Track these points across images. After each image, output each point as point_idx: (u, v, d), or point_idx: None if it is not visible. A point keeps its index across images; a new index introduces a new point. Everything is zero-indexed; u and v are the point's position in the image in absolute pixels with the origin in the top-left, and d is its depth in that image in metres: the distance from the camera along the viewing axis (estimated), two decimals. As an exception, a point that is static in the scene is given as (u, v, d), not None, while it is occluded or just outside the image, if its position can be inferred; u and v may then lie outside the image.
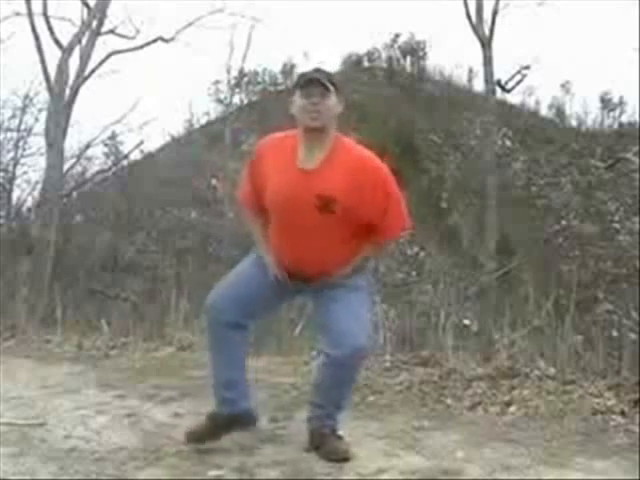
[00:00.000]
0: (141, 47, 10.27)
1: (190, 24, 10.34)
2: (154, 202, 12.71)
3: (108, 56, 9.91)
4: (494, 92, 10.20)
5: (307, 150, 2.65)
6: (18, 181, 11.90)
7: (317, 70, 2.71)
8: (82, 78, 9.56)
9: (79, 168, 12.58)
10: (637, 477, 2.57)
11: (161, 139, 15.46)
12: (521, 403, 3.53)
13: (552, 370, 3.91)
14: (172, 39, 10.35)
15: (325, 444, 2.76)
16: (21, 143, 11.89)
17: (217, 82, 15.64)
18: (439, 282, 7.23)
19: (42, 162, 10.30)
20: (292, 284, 2.77)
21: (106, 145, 13.19)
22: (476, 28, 9.24)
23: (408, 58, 18.30)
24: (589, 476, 2.61)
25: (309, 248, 2.69)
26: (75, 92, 9.53)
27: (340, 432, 2.84)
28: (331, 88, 2.62)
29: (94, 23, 9.69)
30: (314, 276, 2.74)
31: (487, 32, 9.28)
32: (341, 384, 2.79)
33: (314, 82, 2.61)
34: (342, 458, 2.70)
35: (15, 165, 11.82)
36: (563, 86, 18.12)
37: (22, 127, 11.91)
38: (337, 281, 2.73)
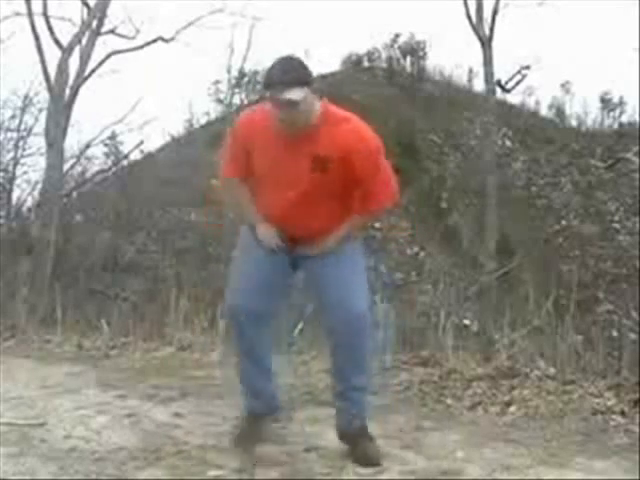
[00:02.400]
0: (141, 47, 10.26)
1: (190, 24, 10.32)
2: (154, 202, 12.70)
3: (108, 56, 9.90)
4: (494, 92, 10.20)
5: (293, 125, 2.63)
6: (18, 181, 11.89)
7: (282, 71, 2.52)
8: (82, 78, 9.55)
9: (79, 168, 12.57)
10: (637, 477, 2.57)
11: (161, 139, 15.46)
12: (521, 403, 3.53)
13: (552, 370, 3.91)
14: (172, 39, 10.34)
15: (355, 447, 2.72)
16: (21, 143, 11.87)
17: (217, 82, 15.63)
18: (439, 282, 7.22)
19: (42, 162, 10.30)
20: (285, 246, 2.75)
21: (106, 145, 13.18)
22: (476, 28, 9.24)
23: (408, 58, 18.29)
24: (589, 476, 2.61)
25: (300, 209, 2.67)
26: (75, 92, 9.52)
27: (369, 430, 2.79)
28: (299, 94, 2.49)
29: (94, 23, 9.68)
30: (304, 238, 2.73)
31: (487, 32, 9.29)
32: (350, 358, 2.72)
33: (287, 84, 2.49)
34: (372, 464, 2.64)
35: (15, 165, 11.80)
36: (563, 86, 18.11)
37: (22, 127, 11.89)
38: (327, 249, 2.71)
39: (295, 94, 2.49)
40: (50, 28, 9.41)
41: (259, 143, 2.69)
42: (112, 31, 9.99)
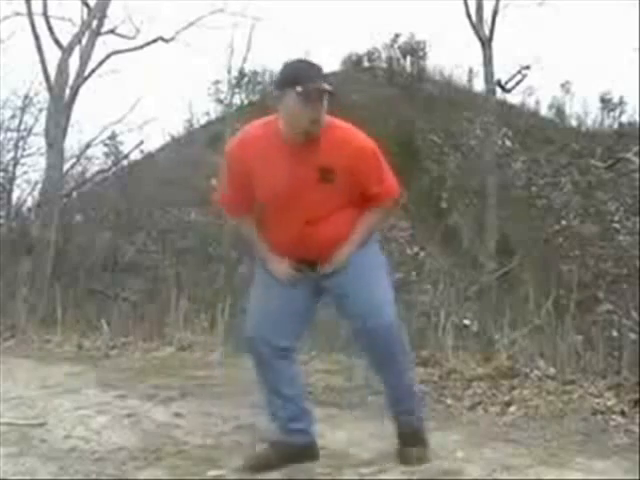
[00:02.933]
0: (141, 47, 10.26)
1: (190, 24, 10.32)
2: (154, 202, 12.70)
3: (108, 56, 9.91)
4: (494, 92, 10.19)
5: (295, 134, 2.58)
6: (18, 181, 11.91)
7: (318, 74, 2.53)
8: (82, 78, 9.55)
9: (79, 168, 12.59)
10: (637, 477, 2.57)
11: (161, 139, 15.47)
12: (521, 403, 3.53)
13: (552, 370, 3.91)
14: (172, 39, 10.34)
15: (402, 446, 2.71)
16: (21, 143, 11.89)
17: (217, 82, 15.62)
18: (439, 282, 7.22)
19: (42, 162, 10.31)
20: (303, 274, 2.67)
21: (106, 145, 13.20)
22: (476, 28, 9.23)
23: (408, 58, 18.29)
24: (589, 476, 2.61)
25: (311, 223, 2.59)
26: (75, 92, 9.52)
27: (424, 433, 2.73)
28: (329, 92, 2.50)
29: (94, 23, 9.68)
30: (321, 255, 2.64)
31: (487, 32, 9.27)
32: (387, 366, 2.68)
33: (319, 92, 2.48)
34: (410, 463, 2.65)
35: (15, 165, 11.82)
36: (563, 86, 18.11)
37: (22, 127, 11.91)
38: (346, 256, 2.64)
39: (328, 85, 2.47)
40: (50, 28, 9.43)
41: (260, 162, 2.59)
42: (112, 31, 10.00)
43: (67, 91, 9.44)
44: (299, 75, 2.50)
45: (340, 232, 2.64)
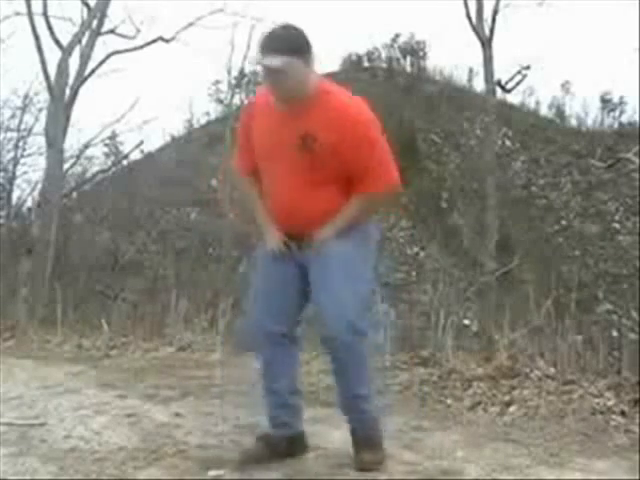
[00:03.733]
0: (141, 47, 10.26)
1: (190, 24, 10.32)
2: (154, 202, 12.71)
3: (108, 56, 9.91)
4: (494, 92, 10.19)
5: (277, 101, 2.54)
6: (18, 181, 11.92)
7: (270, 37, 2.43)
8: (82, 78, 9.55)
9: (79, 168, 12.61)
10: (637, 477, 2.57)
11: (161, 139, 15.46)
12: (521, 403, 3.53)
13: (552, 370, 3.91)
14: (172, 39, 10.34)
15: (355, 451, 2.65)
16: (21, 143, 11.91)
17: (217, 82, 15.61)
18: (439, 282, 7.22)
19: (42, 162, 10.33)
20: (290, 250, 2.61)
21: (106, 145, 13.20)
22: (476, 28, 9.23)
23: (408, 58, 18.28)
24: (589, 476, 2.61)
25: (294, 193, 2.54)
26: (75, 92, 9.52)
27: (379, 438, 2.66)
28: (280, 61, 2.37)
29: (94, 23, 9.68)
30: (305, 230, 2.57)
31: (487, 32, 9.27)
32: (346, 368, 2.61)
33: (265, 69, 2.44)
34: (362, 469, 2.58)
35: (15, 165, 11.83)
36: (563, 86, 18.09)
37: (22, 127, 11.92)
38: (325, 238, 2.55)
39: (276, 61, 2.37)
40: (50, 28, 9.42)
41: (257, 120, 2.61)
42: (112, 31, 10.00)
43: (67, 91, 9.44)
44: (258, 46, 2.45)
45: (325, 210, 2.55)
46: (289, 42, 2.41)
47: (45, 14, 9.41)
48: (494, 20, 9.26)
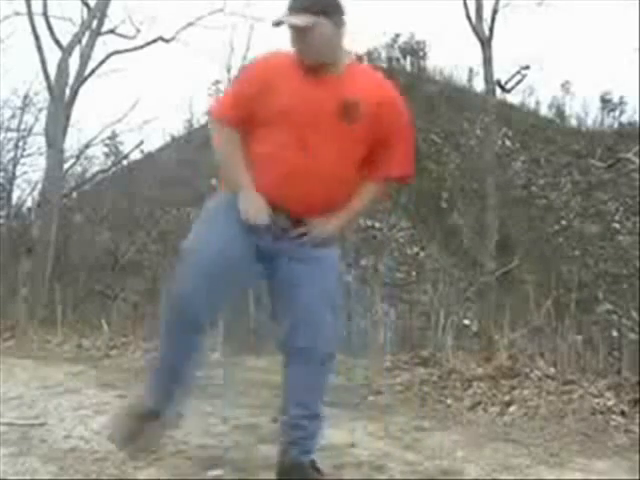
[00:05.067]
0: (141, 47, 10.26)
1: (190, 24, 10.33)
2: (154, 202, 12.70)
3: (108, 56, 9.91)
4: (494, 92, 10.16)
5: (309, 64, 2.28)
6: (18, 181, 11.91)
7: (301, 3, 2.23)
8: (82, 78, 9.55)
9: (79, 168, 12.60)
10: (637, 477, 2.57)
11: (161, 139, 15.46)
12: (521, 403, 3.53)
13: (552, 370, 3.91)
14: (172, 39, 10.34)
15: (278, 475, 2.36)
16: (21, 143, 11.89)
17: (217, 82, 15.60)
18: (439, 282, 7.22)
19: (42, 162, 10.32)
20: (271, 225, 2.26)
21: (106, 145, 13.21)
22: (476, 28, 9.22)
23: (408, 58, 18.29)
24: (589, 476, 2.61)
25: (332, 168, 2.25)
26: (75, 92, 9.52)
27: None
28: (304, 20, 2.19)
29: (94, 23, 9.68)
30: (308, 209, 2.28)
31: (487, 32, 9.26)
32: (310, 384, 2.36)
33: (292, 28, 2.21)
34: None
35: (15, 165, 11.82)
36: (563, 86, 18.09)
37: (22, 127, 11.91)
38: (327, 232, 2.30)
39: (299, 20, 2.20)
40: (50, 28, 9.42)
41: (283, 82, 2.28)
42: (112, 31, 10.00)
43: (67, 91, 9.44)
44: (286, 7, 2.25)
45: (349, 193, 2.31)
46: (316, 1, 2.24)
47: (45, 14, 9.41)
48: (494, 20, 9.24)
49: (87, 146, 12.07)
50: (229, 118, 2.35)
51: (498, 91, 10.92)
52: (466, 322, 7.67)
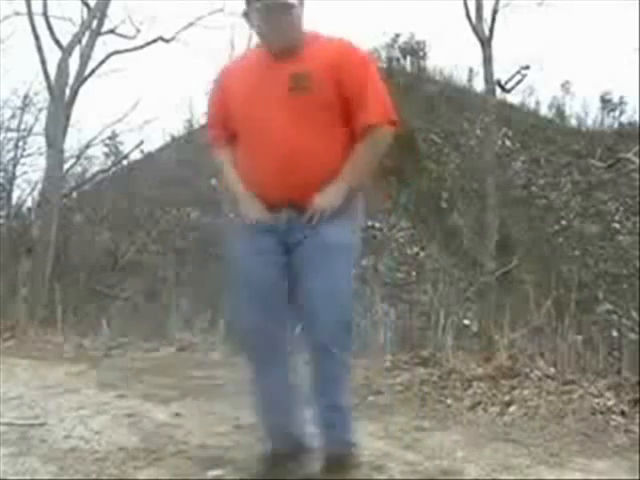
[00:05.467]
0: (141, 47, 10.26)
1: (190, 24, 10.33)
2: (154, 202, 12.71)
3: (108, 56, 9.91)
4: (494, 92, 10.17)
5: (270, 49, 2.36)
6: (18, 181, 11.90)
7: None
8: (82, 78, 9.55)
9: (79, 168, 12.61)
10: (637, 477, 2.57)
11: (161, 139, 15.46)
12: (521, 403, 3.53)
13: (552, 370, 3.91)
14: (172, 39, 10.34)
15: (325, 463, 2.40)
16: (21, 143, 11.89)
17: (217, 82, 15.62)
18: (439, 282, 7.22)
19: (42, 162, 10.31)
20: (279, 217, 2.31)
21: (106, 145, 13.21)
22: (476, 28, 9.22)
23: (408, 58, 18.28)
24: (589, 476, 2.61)
25: (293, 142, 2.27)
26: (75, 92, 9.52)
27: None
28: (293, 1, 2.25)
29: (94, 23, 9.68)
30: (306, 186, 2.29)
31: (487, 32, 9.26)
32: (330, 373, 2.39)
33: (277, 6, 2.25)
34: None
35: (15, 165, 11.82)
36: (563, 86, 18.09)
37: (22, 127, 11.91)
38: (329, 201, 2.29)
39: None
40: (50, 28, 9.41)
41: (238, 79, 2.40)
42: (112, 31, 10.00)
43: (67, 91, 9.44)
44: None
45: (330, 160, 2.30)
46: None
47: (45, 14, 9.41)
48: (494, 20, 9.24)
49: (87, 146, 12.09)
50: (217, 139, 2.52)
51: (498, 91, 10.95)
52: (466, 322, 7.67)
